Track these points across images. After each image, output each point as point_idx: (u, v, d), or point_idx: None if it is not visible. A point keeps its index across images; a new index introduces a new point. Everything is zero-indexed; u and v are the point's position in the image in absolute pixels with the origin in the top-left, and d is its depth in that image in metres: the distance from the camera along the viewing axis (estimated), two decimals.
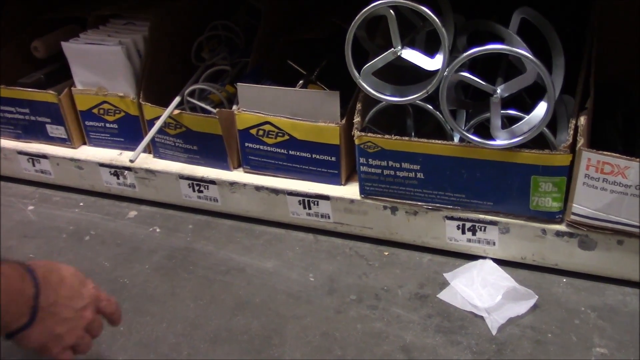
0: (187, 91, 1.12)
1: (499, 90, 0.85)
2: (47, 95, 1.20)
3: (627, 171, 0.83)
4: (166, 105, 1.11)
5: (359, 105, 0.98)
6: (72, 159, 1.23)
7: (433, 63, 0.88)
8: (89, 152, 1.24)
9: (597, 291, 0.93)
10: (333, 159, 1.04)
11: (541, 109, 0.86)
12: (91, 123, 1.22)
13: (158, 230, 1.16)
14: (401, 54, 0.89)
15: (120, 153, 1.22)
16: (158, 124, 1.08)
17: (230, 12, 1.34)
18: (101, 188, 1.24)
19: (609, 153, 0.84)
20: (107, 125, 1.21)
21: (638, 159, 0.83)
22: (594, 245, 0.92)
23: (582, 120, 0.87)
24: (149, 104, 1.13)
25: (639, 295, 0.92)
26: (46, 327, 0.68)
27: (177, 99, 1.11)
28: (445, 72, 0.85)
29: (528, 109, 0.94)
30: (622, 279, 0.93)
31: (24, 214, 1.23)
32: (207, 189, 1.14)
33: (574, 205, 0.89)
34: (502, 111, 0.87)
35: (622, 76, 1.00)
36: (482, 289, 0.94)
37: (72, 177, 1.25)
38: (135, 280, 1.04)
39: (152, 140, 1.16)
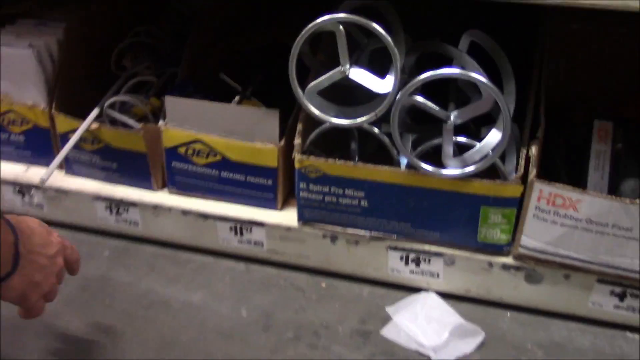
0: (107, 103, 1.01)
1: (452, 117, 0.81)
2: None
3: (579, 204, 0.81)
4: (82, 117, 0.99)
5: (300, 126, 0.91)
6: None
7: (383, 85, 0.82)
8: None
9: (543, 326, 0.91)
10: (269, 182, 0.96)
11: (493, 137, 0.82)
12: None
13: None
14: (349, 73, 0.83)
15: (27, 168, 1.09)
16: (74, 139, 0.96)
17: (155, 17, 1.23)
18: (3, 207, 1.10)
19: (561, 185, 0.81)
20: (12, 137, 1.07)
21: (590, 192, 0.80)
22: (541, 279, 0.89)
23: (534, 150, 0.84)
24: (63, 115, 1.01)
25: (582, 330, 0.90)
26: (26, 275, 0.68)
27: (95, 111, 1.00)
28: (398, 96, 0.80)
29: (473, 134, 0.90)
30: (567, 313, 0.91)
31: None
32: (127, 211, 1.03)
33: (522, 237, 0.86)
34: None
35: (566, 100, 0.98)
36: (427, 325, 0.89)
37: None
38: (44, 316, 0.91)
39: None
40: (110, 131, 0.98)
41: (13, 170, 1.08)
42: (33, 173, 1.06)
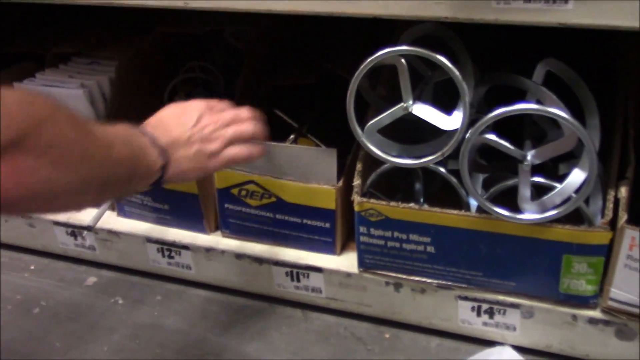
0: None
1: (529, 157, 0.73)
2: None
3: None
4: None
5: (359, 166, 0.84)
6: (22, 216, 1.07)
7: (451, 122, 0.75)
8: None
9: None
10: (327, 225, 0.90)
11: (576, 177, 0.73)
12: None
13: (120, 301, 1.00)
14: (412, 109, 0.76)
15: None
16: None
17: (207, 51, 1.20)
18: (56, 249, 1.08)
19: None
20: None
21: None
22: (634, 335, 0.78)
23: (623, 191, 0.74)
24: None
25: None
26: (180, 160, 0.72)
27: None
28: (468, 134, 0.72)
29: (550, 172, 0.81)
30: None
31: None
32: (179, 254, 0.98)
33: (612, 289, 0.76)
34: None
35: None
36: None
37: (22, 236, 1.09)
38: None
39: None
40: None
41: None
42: (85, 214, 1.02)
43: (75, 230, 1.04)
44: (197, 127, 0.75)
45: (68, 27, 1.22)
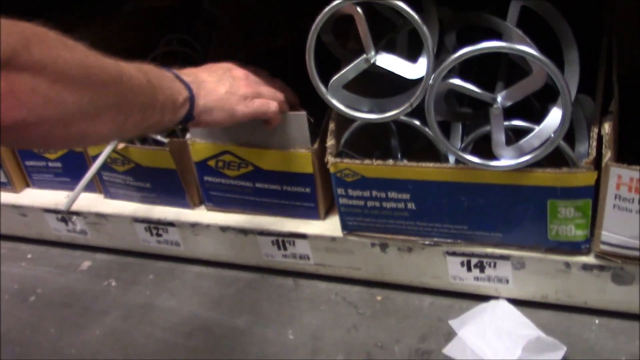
0: None
1: (499, 99, 0.68)
2: None
3: None
4: None
5: (332, 125, 0.81)
6: (14, 206, 1.07)
7: (415, 70, 0.71)
8: (32, 197, 1.07)
9: (638, 334, 0.76)
10: (307, 190, 0.87)
11: (554, 117, 0.69)
12: (31, 163, 1.06)
13: (114, 284, 0.99)
14: (375, 60, 0.72)
15: (67, 195, 1.05)
16: (98, 162, 0.91)
17: (189, 24, 1.17)
18: (50, 236, 1.08)
19: None
20: (50, 164, 1.04)
21: None
22: (631, 279, 0.74)
23: (607, 127, 0.69)
24: None
25: None
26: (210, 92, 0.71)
27: None
28: (431, 80, 0.68)
29: (538, 115, 0.77)
30: None
31: None
32: (167, 232, 0.97)
33: (603, 232, 0.72)
34: (505, 123, 0.70)
35: None
36: (497, 340, 0.76)
37: (16, 226, 1.09)
38: (84, 351, 0.87)
39: (100, 178, 1.00)
40: (138, 150, 0.93)
41: (54, 198, 1.05)
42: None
43: (64, 216, 1.03)
44: (228, 74, 0.74)
45: (37, 11, 1.20)
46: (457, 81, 0.68)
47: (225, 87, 0.73)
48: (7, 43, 0.46)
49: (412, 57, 0.73)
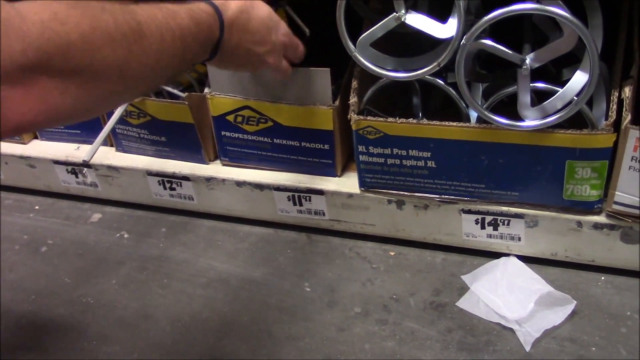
0: None
1: (528, 61, 0.70)
2: None
3: None
4: None
5: (354, 83, 0.82)
6: (22, 157, 1.06)
7: (445, 29, 0.72)
8: (41, 148, 1.07)
9: None
10: (326, 147, 0.88)
11: (578, 80, 0.71)
12: None
13: (126, 236, 1.00)
14: (405, 19, 0.73)
15: (78, 147, 1.05)
16: (116, 115, 0.91)
17: None
18: (58, 188, 1.08)
19: None
20: None
21: None
22: (639, 238, 0.78)
23: (627, 91, 0.72)
24: None
25: None
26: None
27: None
28: (464, 40, 0.69)
29: (554, 79, 0.79)
30: None
31: None
32: (181, 186, 0.98)
33: (617, 193, 0.75)
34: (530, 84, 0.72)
35: None
36: (510, 295, 0.80)
37: (24, 177, 1.09)
38: (101, 299, 0.88)
39: (114, 131, 0.99)
40: (155, 103, 0.93)
41: (65, 150, 1.05)
42: (84, 151, 1.02)
43: (75, 168, 1.03)
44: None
45: None
46: (488, 42, 0.69)
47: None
48: (40, 50, 0.44)
49: (437, 17, 0.74)
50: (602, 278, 0.83)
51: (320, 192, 0.90)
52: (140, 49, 0.52)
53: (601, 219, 0.79)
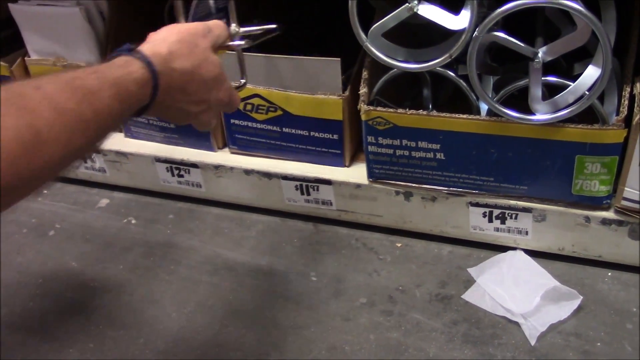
0: None
1: (540, 54, 0.70)
2: None
3: None
4: None
5: (365, 73, 0.82)
6: None
7: (458, 21, 0.72)
8: None
9: None
10: (335, 136, 0.88)
11: (590, 74, 0.71)
12: None
13: (134, 221, 1.00)
14: (418, 10, 0.73)
15: None
16: None
17: None
18: (67, 173, 1.08)
19: None
20: None
21: None
22: None
23: (639, 87, 0.72)
24: None
25: None
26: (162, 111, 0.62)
27: None
28: (476, 32, 0.69)
29: (566, 73, 0.78)
30: None
31: None
32: (189, 173, 0.98)
33: (626, 189, 0.75)
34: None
35: None
36: (516, 288, 0.80)
37: None
38: (108, 285, 0.89)
39: None
40: None
41: None
42: None
43: None
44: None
45: None
46: (501, 34, 0.69)
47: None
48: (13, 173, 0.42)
49: (449, 8, 0.74)
50: (609, 274, 0.82)
51: (328, 182, 0.90)
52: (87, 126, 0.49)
53: (609, 214, 0.79)
